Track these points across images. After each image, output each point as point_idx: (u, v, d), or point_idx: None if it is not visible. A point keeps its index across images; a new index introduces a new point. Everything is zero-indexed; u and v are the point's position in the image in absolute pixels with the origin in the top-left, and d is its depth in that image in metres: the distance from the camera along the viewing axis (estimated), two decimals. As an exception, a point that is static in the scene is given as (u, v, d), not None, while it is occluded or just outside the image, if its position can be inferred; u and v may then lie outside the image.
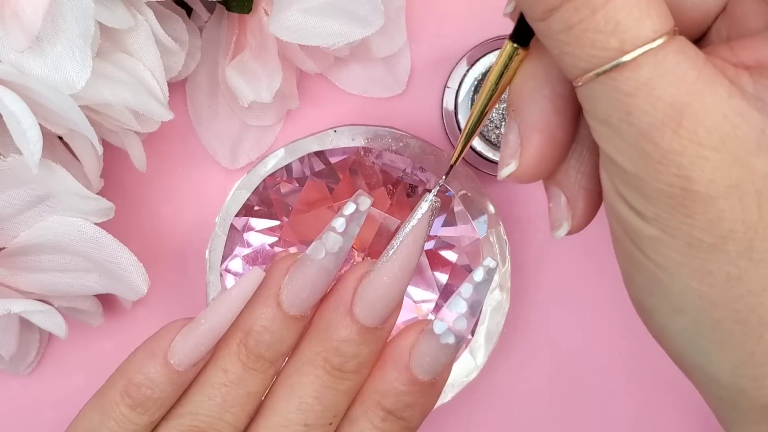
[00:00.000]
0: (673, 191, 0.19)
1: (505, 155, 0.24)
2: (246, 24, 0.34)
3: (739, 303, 0.20)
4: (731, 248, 0.19)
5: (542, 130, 0.23)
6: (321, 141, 0.35)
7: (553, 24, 0.19)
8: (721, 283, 0.20)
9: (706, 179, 0.19)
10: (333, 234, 0.26)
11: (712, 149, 0.19)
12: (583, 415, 0.38)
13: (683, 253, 0.20)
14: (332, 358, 0.26)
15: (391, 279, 0.26)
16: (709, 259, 0.20)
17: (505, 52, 0.23)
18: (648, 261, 0.21)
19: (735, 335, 0.20)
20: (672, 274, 0.20)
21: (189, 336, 0.26)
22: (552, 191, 0.25)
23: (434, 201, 0.26)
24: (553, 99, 0.23)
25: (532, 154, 0.23)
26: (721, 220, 0.19)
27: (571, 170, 0.24)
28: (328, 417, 0.26)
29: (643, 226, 0.21)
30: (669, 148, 0.19)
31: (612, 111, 0.20)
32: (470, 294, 0.27)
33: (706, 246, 0.20)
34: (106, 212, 0.30)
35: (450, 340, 0.26)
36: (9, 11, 0.26)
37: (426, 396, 0.27)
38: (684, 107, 0.19)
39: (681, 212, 0.19)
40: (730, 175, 0.19)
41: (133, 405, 0.26)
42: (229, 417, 0.26)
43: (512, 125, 0.24)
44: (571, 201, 0.24)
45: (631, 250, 0.21)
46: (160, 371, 0.26)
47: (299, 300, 0.26)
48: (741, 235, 0.19)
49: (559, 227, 0.25)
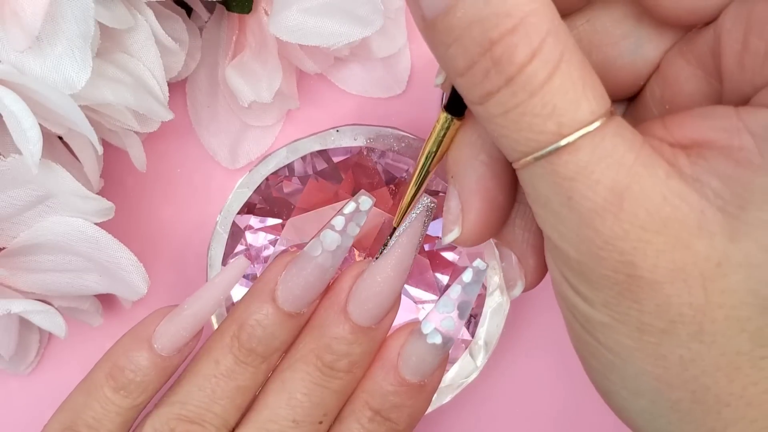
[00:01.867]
0: (618, 277, 0.19)
1: (448, 221, 0.24)
2: (246, 24, 0.34)
3: (695, 384, 0.20)
4: (681, 332, 0.19)
5: (482, 195, 0.23)
6: (323, 140, 0.35)
7: (491, 108, 0.19)
8: (675, 365, 0.20)
9: (650, 264, 0.19)
10: (331, 232, 0.26)
11: (654, 232, 0.19)
12: (583, 416, 0.38)
13: (634, 338, 0.20)
14: (324, 355, 0.26)
15: (384, 278, 0.26)
16: (661, 343, 0.20)
17: (440, 121, 0.23)
18: (600, 346, 0.21)
19: (694, 414, 0.20)
20: (625, 358, 0.20)
21: (172, 321, 0.27)
22: (502, 251, 0.25)
23: (430, 202, 0.27)
24: (489, 164, 0.23)
25: (474, 218, 0.23)
26: (669, 305, 0.19)
27: (517, 229, 0.24)
28: (318, 415, 0.26)
29: (592, 312, 0.20)
30: (611, 233, 0.19)
31: (552, 195, 0.19)
32: (458, 295, 0.27)
33: (657, 330, 0.19)
34: (106, 212, 0.30)
35: (437, 341, 0.27)
36: (9, 11, 0.25)
37: (414, 398, 0.27)
38: (624, 190, 0.19)
39: (628, 298, 0.19)
40: (674, 258, 0.19)
41: (117, 387, 0.26)
42: (217, 409, 0.26)
43: (452, 191, 0.24)
44: (522, 259, 0.24)
45: (583, 335, 0.21)
46: (144, 355, 0.26)
47: (293, 296, 0.26)
48: (690, 319, 0.19)
49: (514, 286, 0.25)
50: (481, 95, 0.19)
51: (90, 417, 0.26)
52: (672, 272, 0.19)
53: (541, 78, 0.18)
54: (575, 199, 0.19)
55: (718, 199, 0.19)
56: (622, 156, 0.19)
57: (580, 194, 0.19)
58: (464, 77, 0.19)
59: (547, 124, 0.19)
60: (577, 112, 0.19)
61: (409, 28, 0.37)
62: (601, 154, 0.19)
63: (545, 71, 0.18)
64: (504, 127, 0.19)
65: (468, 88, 0.19)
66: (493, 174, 0.23)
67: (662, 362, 0.20)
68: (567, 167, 0.19)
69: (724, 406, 0.20)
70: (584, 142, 0.19)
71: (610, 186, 0.19)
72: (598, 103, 0.19)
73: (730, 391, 0.20)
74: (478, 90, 0.19)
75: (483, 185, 0.23)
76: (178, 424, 0.26)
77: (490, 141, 0.23)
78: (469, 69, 0.19)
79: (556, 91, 0.18)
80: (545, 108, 0.18)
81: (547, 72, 0.18)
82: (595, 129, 0.19)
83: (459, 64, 0.19)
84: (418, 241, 0.27)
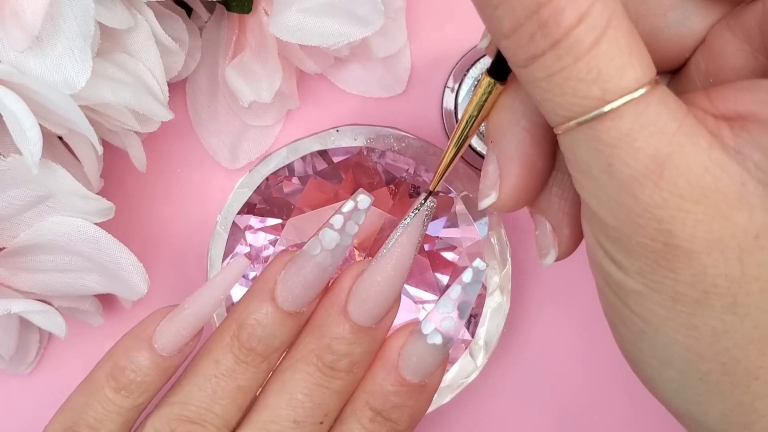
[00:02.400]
0: (656, 246, 0.19)
1: (485, 186, 0.24)
2: (246, 24, 0.34)
3: (725, 356, 0.20)
4: (715, 303, 0.19)
5: (521, 161, 0.23)
6: (323, 140, 0.35)
7: (535, 71, 0.19)
8: (706, 336, 0.20)
9: (688, 233, 0.19)
10: (330, 231, 0.26)
11: (693, 202, 0.19)
12: (583, 416, 0.38)
13: (667, 307, 0.20)
14: (324, 355, 0.26)
15: (384, 278, 0.26)
16: (694, 314, 0.20)
17: (482, 85, 0.23)
18: (632, 314, 0.21)
19: (723, 386, 0.20)
20: (657, 328, 0.20)
21: (172, 321, 0.27)
22: (537, 219, 0.25)
23: (430, 201, 0.27)
24: (531, 130, 0.23)
25: (512, 184, 0.23)
26: (704, 275, 0.19)
27: (554, 197, 0.24)
28: (319, 415, 0.26)
29: (626, 280, 0.20)
30: (650, 201, 0.19)
31: (593, 161, 0.19)
32: (458, 295, 0.27)
33: (691, 300, 0.19)
34: (106, 212, 0.30)
35: (437, 341, 0.27)
36: (9, 11, 0.25)
37: (414, 399, 0.27)
38: (665, 159, 0.19)
39: (664, 267, 0.19)
40: (712, 229, 0.19)
41: (118, 388, 0.26)
42: (218, 408, 0.26)
43: (491, 156, 0.24)
44: (556, 228, 0.24)
45: (616, 303, 0.21)
46: (145, 355, 0.26)
47: (293, 295, 0.26)
48: (725, 290, 0.19)
49: (547, 254, 0.25)
50: (526, 58, 0.19)
51: (91, 417, 0.26)
52: (709, 243, 0.19)
53: (588, 43, 0.18)
54: (616, 166, 0.19)
55: (759, 171, 0.19)
56: (665, 124, 0.19)
57: (621, 161, 0.19)
58: (510, 39, 0.19)
59: (591, 90, 0.19)
60: (622, 79, 0.19)
61: (409, 28, 0.37)
62: (644, 121, 0.19)
63: (592, 36, 0.18)
64: (547, 91, 0.19)
65: (513, 50, 0.19)
66: (533, 140, 0.23)
67: (694, 333, 0.20)
68: (609, 134, 0.19)
69: (754, 379, 0.20)
70: (628, 109, 0.19)
71: (651, 154, 0.19)
72: (644, 70, 0.19)
73: (760, 364, 0.20)
74: (523, 53, 0.19)
75: (523, 151, 0.23)
76: (179, 425, 0.26)
77: (532, 107, 0.23)
78: (514, 31, 0.19)
79: (602, 57, 0.18)
80: (590, 73, 0.18)
81: (593, 37, 0.18)
82: (640, 96, 0.19)
83: (505, 25, 0.19)
84: (417, 240, 0.27)
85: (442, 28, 0.38)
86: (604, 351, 0.38)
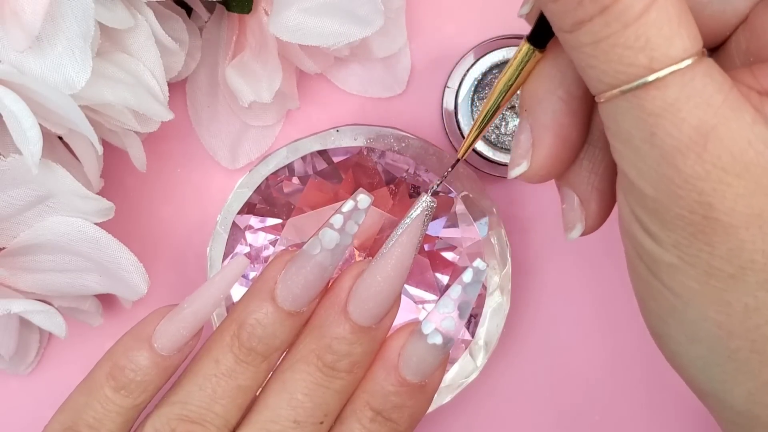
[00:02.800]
0: (694, 218, 0.19)
1: (516, 155, 0.24)
2: (246, 24, 0.34)
3: (756, 333, 0.20)
4: (750, 279, 0.19)
5: (555, 131, 0.23)
6: (323, 140, 0.35)
7: (581, 36, 0.19)
8: (738, 313, 0.20)
9: (728, 207, 0.19)
10: (330, 230, 0.26)
11: (735, 176, 0.19)
12: (583, 416, 0.38)
13: (701, 282, 0.20)
14: (325, 355, 0.26)
15: (384, 278, 0.26)
16: (728, 289, 0.19)
17: (521, 52, 0.23)
18: (664, 288, 0.21)
19: (751, 364, 0.20)
20: (688, 302, 0.20)
21: (172, 321, 0.27)
22: (565, 192, 0.24)
23: (430, 201, 0.26)
24: (567, 100, 0.23)
25: (544, 154, 0.23)
26: (742, 250, 0.19)
27: (584, 171, 0.24)
28: (319, 415, 0.26)
29: (660, 253, 0.20)
30: (692, 172, 0.19)
31: (635, 131, 0.19)
32: (459, 295, 0.27)
33: (725, 276, 0.19)
34: (106, 212, 0.30)
35: (437, 341, 0.27)
36: (9, 11, 0.25)
37: (415, 399, 0.27)
38: (709, 131, 0.19)
39: (701, 240, 0.19)
40: (752, 203, 0.19)
41: (117, 387, 0.26)
42: (218, 408, 0.26)
43: (524, 125, 0.23)
44: (584, 202, 0.24)
45: (647, 276, 0.21)
46: (145, 355, 0.26)
47: (293, 295, 0.26)
48: (761, 266, 0.19)
49: (573, 228, 0.24)
50: (573, 23, 0.19)
51: (91, 417, 0.26)
52: (749, 217, 0.19)
53: (638, 10, 0.18)
54: (659, 136, 0.19)
55: None
56: (711, 96, 0.19)
57: (665, 131, 0.19)
58: (557, 3, 0.19)
59: (638, 57, 0.18)
60: (669, 48, 0.18)
61: (409, 28, 0.37)
62: (690, 92, 0.19)
63: (642, 4, 0.18)
64: (593, 57, 0.19)
65: (560, 14, 0.19)
66: (569, 110, 0.23)
67: (726, 309, 0.20)
68: (654, 103, 0.19)
69: None
70: (674, 79, 0.19)
71: (695, 125, 0.19)
72: (692, 41, 0.19)
73: None
74: (570, 17, 0.19)
75: (557, 121, 0.23)
76: (179, 424, 0.26)
77: (569, 76, 0.23)
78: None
79: (651, 25, 0.18)
80: (638, 41, 0.18)
81: (643, 4, 0.18)
82: (686, 67, 0.19)
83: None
84: (418, 240, 0.27)
85: (442, 28, 0.38)
86: (604, 351, 0.38)
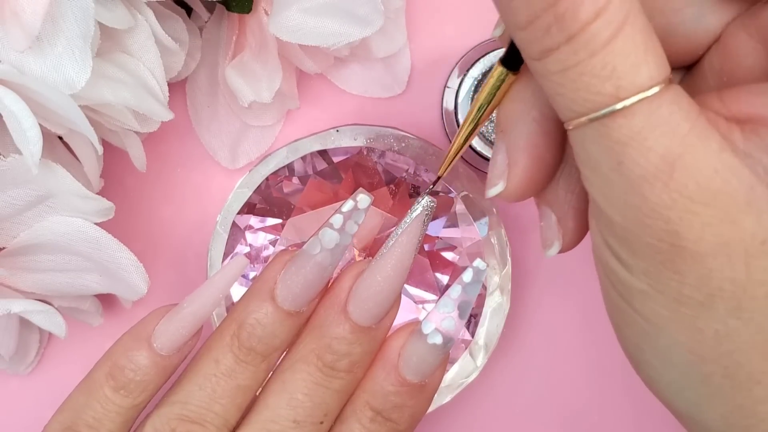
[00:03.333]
0: (662, 246, 0.19)
1: (493, 175, 0.24)
2: (246, 24, 0.34)
3: (728, 359, 0.20)
4: (720, 306, 0.19)
5: (530, 152, 0.23)
6: (323, 140, 0.35)
7: (549, 64, 0.19)
8: (709, 339, 0.20)
9: (695, 236, 0.19)
10: (329, 230, 0.26)
11: (702, 204, 0.19)
12: (583, 416, 0.38)
13: (671, 308, 0.20)
14: (324, 355, 0.26)
15: (384, 278, 0.26)
16: (698, 316, 0.19)
17: (494, 75, 0.23)
18: (636, 315, 0.21)
19: (724, 389, 0.20)
20: (661, 329, 0.20)
21: (171, 320, 0.27)
22: (543, 210, 0.25)
23: (430, 201, 0.27)
24: (541, 121, 0.23)
25: (520, 174, 0.23)
26: (710, 278, 0.19)
27: (561, 190, 0.24)
28: (319, 415, 0.26)
29: (631, 280, 0.20)
30: (659, 201, 0.19)
31: (603, 159, 0.19)
32: (459, 295, 0.27)
33: (695, 303, 0.19)
34: (106, 212, 0.30)
35: (437, 341, 0.27)
36: (9, 11, 0.25)
37: (415, 399, 0.27)
38: (676, 159, 0.19)
39: (669, 268, 0.19)
40: (720, 232, 0.19)
41: (117, 387, 0.26)
42: (218, 408, 0.26)
43: (500, 145, 0.24)
44: (562, 220, 0.24)
45: (619, 302, 0.21)
46: (144, 354, 0.26)
47: (292, 295, 0.26)
48: (729, 294, 0.19)
49: (551, 246, 0.25)
50: (541, 51, 0.19)
51: (90, 417, 0.26)
52: (716, 246, 0.19)
53: (604, 38, 0.18)
54: (626, 164, 0.19)
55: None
56: (678, 124, 0.19)
57: (632, 160, 0.19)
58: (525, 31, 0.19)
59: (605, 86, 0.18)
60: (636, 77, 0.18)
61: (409, 28, 0.37)
62: (656, 121, 0.19)
63: (608, 32, 0.18)
64: (561, 85, 0.19)
65: (528, 42, 0.19)
66: (543, 131, 0.23)
67: (697, 335, 0.20)
68: (620, 131, 0.19)
69: (756, 383, 0.20)
70: (641, 108, 0.18)
71: (662, 154, 0.18)
72: (658, 69, 0.19)
73: (763, 369, 0.20)
74: (538, 45, 0.19)
75: (532, 142, 0.23)
76: (179, 424, 0.26)
77: (543, 98, 0.23)
78: (530, 23, 0.19)
79: (618, 53, 0.18)
80: (605, 69, 0.18)
81: (610, 33, 0.18)
82: (653, 95, 0.18)
83: (521, 17, 0.19)
84: (417, 240, 0.27)
85: (442, 28, 0.38)
86: (604, 351, 0.38)
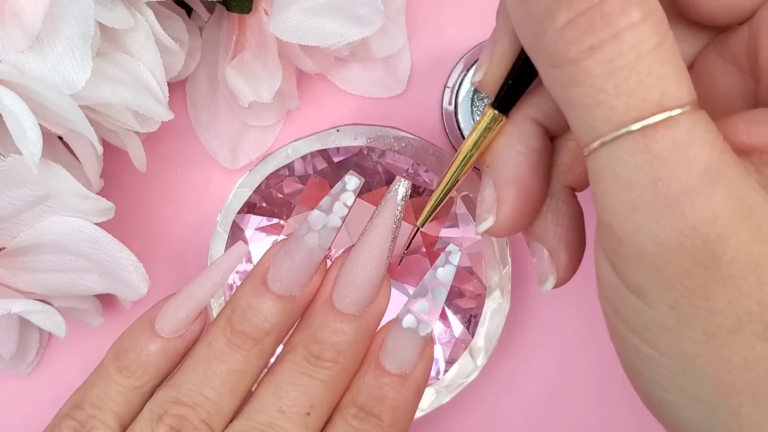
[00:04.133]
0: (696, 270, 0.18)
1: (482, 210, 0.24)
2: (246, 24, 0.34)
3: (756, 385, 0.19)
4: (748, 330, 0.19)
5: (517, 185, 0.23)
6: (323, 140, 0.35)
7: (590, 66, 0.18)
8: (738, 367, 0.19)
9: (730, 256, 0.18)
10: (317, 212, 0.27)
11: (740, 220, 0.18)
12: (583, 416, 0.38)
13: (700, 342, 0.19)
14: (310, 344, 0.27)
15: (361, 261, 0.27)
16: (727, 345, 0.19)
17: (485, 118, 0.23)
18: (660, 355, 0.20)
19: (753, 417, 0.20)
20: (687, 366, 0.20)
21: (171, 303, 0.27)
22: (534, 246, 0.25)
23: (404, 182, 0.27)
24: (526, 155, 0.23)
25: (509, 208, 0.23)
26: (739, 301, 0.18)
27: (549, 223, 0.24)
28: (305, 405, 0.26)
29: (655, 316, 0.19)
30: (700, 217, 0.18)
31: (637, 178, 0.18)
32: (431, 279, 0.27)
33: (724, 332, 0.19)
34: (106, 212, 0.30)
35: (411, 324, 0.27)
36: (9, 11, 0.25)
37: (396, 391, 0.27)
38: (717, 173, 0.18)
39: (700, 295, 0.19)
40: (753, 252, 0.18)
41: (120, 367, 0.27)
42: (208, 392, 0.26)
43: (487, 181, 0.24)
44: (553, 254, 0.24)
45: (638, 345, 0.21)
46: (147, 336, 0.27)
47: (280, 276, 0.27)
48: (757, 317, 0.19)
49: (546, 281, 0.25)
50: (581, 49, 0.18)
51: (94, 395, 0.26)
52: (748, 267, 0.18)
53: (652, 43, 0.17)
54: (664, 181, 0.18)
55: None
56: (715, 138, 0.18)
57: (671, 175, 0.18)
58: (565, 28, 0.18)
59: (651, 93, 0.18)
60: (679, 86, 0.18)
61: (409, 28, 0.37)
62: (697, 134, 0.18)
63: (656, 36, 0.17)
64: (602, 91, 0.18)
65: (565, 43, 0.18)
66: (529, 164, 0.23)
67: (725, 366, 0.19)
68: (662, 143, 0.18)
69: None
70: (684, 119, 0.18)
71: (705, 166, 0.18)
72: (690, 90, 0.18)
73: None
74: (579, 43, 0.18)
75: (519, 175, 0.23)
76: (171, 407, 0.26)
77: (526, 130, 0.23)
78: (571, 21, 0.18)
79: (664, 61, 0.18)
80: (651, 75, 0.18)
81: (657, 39, 0.17)
82: (691, 110, 0.18)
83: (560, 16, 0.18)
84: (393, 222, 0.27)
85: (442, 28, 0.38)
86: (604, 351, 0.38)
